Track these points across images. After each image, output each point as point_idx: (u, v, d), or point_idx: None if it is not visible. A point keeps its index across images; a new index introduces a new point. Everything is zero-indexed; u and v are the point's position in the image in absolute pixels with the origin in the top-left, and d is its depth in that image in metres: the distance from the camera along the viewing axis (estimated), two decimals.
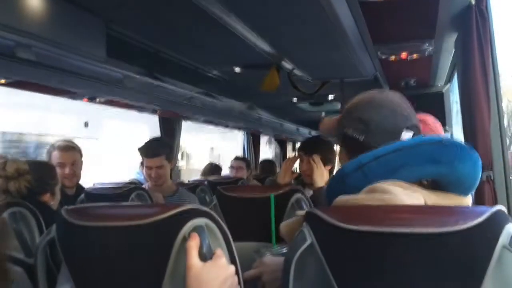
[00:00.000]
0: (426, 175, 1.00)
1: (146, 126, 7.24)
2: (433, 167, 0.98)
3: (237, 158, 4.71)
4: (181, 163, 11.29)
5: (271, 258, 1.18)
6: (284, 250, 1.21)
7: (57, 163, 2.54)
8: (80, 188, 2.72)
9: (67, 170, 2.60)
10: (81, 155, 2.75)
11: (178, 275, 0.95)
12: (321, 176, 2.42)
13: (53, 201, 2.01)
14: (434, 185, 1.00)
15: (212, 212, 0.99)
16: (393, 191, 0.93)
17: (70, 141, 2.76)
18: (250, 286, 1.18)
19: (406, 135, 1.14)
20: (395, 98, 1.19)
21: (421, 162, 0.99)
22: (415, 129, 1.16)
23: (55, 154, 2.62)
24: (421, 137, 1.09)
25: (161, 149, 2.81)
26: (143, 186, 2.86)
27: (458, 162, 0.96)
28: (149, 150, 2.79)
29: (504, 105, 18.76)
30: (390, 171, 0.99)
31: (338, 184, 1.05)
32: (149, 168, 2.78)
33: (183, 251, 0.94)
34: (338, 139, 1.24)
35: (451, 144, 0.99)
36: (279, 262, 1.13)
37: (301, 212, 1.10)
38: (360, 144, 1.13)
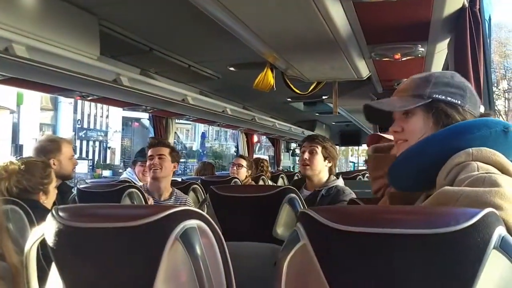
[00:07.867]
0: None
1: None
2: None
3: (239, 156, 4.65)
4: None
5: None
6: None
7: (71, 155, 2.64)
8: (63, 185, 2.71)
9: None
10: None
11: (169, 278, 0.94)
12: (322, 166, 2.49)
13: (47, 200, 2.00)
14: None
15: (204, 213, 0.99)
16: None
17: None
18: None
19: (482, 107, 1.20)
20: None
21: None
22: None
23: (68, 147, 2.66)
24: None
25: (165, 143, 2.93)
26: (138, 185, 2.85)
27: None
28: (154, 140, 2.94)
29: None
30: None
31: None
32: (151, 158, 2.78)
33: (175, 253, 0.93)
34: (415, 108, 1.16)
35: None
36: None
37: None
38: (454, 109, 1.14)
